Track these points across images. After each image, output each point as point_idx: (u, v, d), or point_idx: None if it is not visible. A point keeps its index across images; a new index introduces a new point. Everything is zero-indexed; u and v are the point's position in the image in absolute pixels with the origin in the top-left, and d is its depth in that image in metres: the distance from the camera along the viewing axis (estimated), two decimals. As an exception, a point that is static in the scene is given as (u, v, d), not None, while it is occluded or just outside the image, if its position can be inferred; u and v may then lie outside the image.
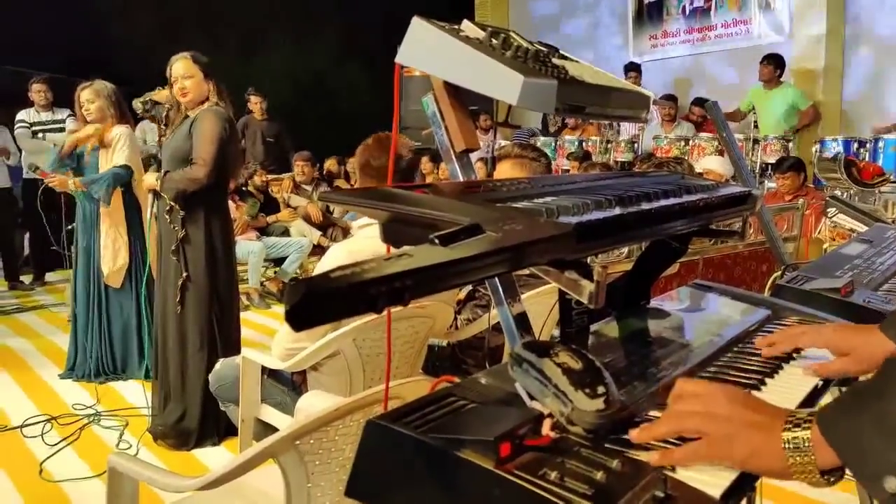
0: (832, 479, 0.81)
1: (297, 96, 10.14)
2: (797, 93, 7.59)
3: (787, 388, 1.14)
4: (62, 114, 6.97)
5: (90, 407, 3.90)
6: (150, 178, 3.44)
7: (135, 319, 4.36)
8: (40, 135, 6.81)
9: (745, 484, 0.86)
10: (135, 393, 4.10)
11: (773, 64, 7.50)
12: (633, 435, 0.88)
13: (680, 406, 0.88)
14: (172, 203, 3.35)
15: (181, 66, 3.38)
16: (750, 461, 0.82)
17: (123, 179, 4.32)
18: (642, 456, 0.85)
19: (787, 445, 0.80)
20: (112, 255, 4.30)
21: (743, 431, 0.83)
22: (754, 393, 1.11)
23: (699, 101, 8.28)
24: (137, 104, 3.68)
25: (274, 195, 7.29)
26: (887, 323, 1.14)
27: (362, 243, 2.37)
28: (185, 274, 3.39)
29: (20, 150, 6.97)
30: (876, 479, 0.74)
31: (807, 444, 0.79)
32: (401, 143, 2.54)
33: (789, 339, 1.23)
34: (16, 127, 6.70)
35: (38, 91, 6.70)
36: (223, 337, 3.49)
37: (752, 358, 1.24)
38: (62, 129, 6.94)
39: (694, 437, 0.85)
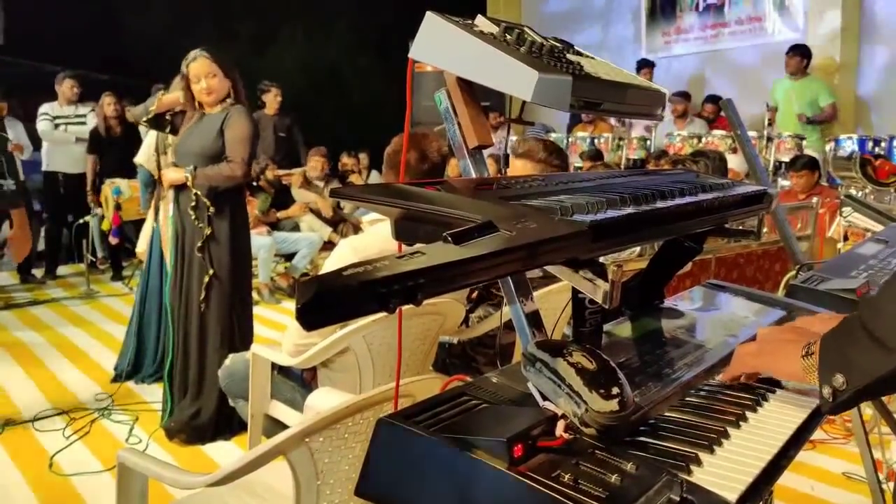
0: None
1: (310, 90, 10.13)
2: (822, 86, 7.48)
3: (801, 390, 1.13)
4: (85, 108, 7.08)
5: (101, 400, 3.91)
6: (173, 174, 3.41)
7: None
8: (62, 127, 6.96)
9: (760, 487, 0.85)
10: (145, 387, 4.10)
11: (801, 54, 7.41)
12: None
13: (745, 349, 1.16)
14: (205, 199, 3.34)
15: (203, 66, 3.33)
16: (776, 365, 1.09)
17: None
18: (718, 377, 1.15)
19: (802, 353, 1.02)
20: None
21: (781, 348, 1.07)
22: (769, 395, 1.11)
23: (712, 98, 8.23)
24: (142, 123, 3.69)
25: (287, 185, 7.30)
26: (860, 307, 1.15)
27: (370, 239, 2.36)
28: (211, 272, 3.38)
29: (32, 145, 7.10)
30: (828, 375, 0.96)
31: (812, 350, 1.00)
32: (432, 143, 2.51)
33: None
34: (39, 119, 6.88)
35: (70, 86, 7.01)
36: (242, 334, 3.49)
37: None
38: (84, 123, 7.05)
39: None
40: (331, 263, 2.43)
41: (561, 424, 0.87)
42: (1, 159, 3.26)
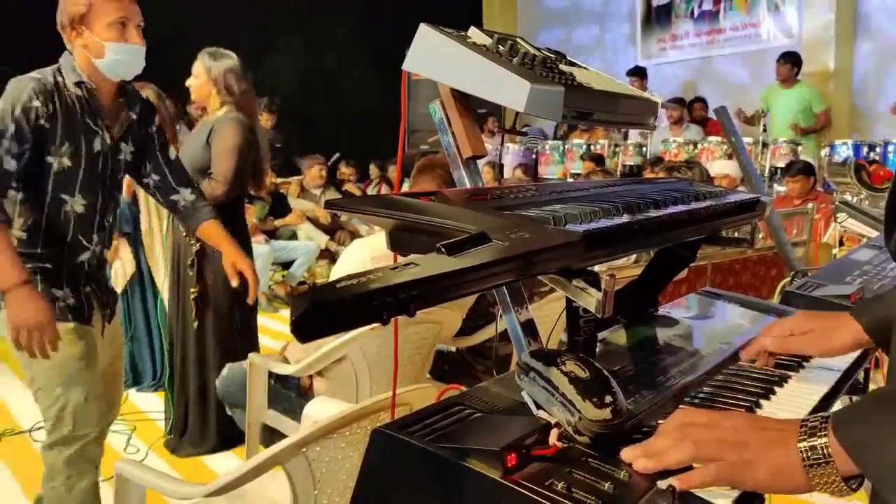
0: (855, 486, 0.77)
1: (307, 97, 10.15)
2: (813, 92, 7.52)
3: (796, 397, 1.14)
4: None
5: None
6: None
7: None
8: None
9: (754, 495, 0.86)
10: (143, 397, 4.10)
11: (791, 62, 7.45)
12: (641, 465, 0.82)
13: (694, 433, 0.83)
14: None
15: (195, 65, 3.31)
16: (773, 483, 0.78)
17: None
18: (661, 483, 0.80)
19: (804, 455, 0.76)
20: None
21: (762, 454, 0.79)
22: (763, 402, 1.11)
23: (699, 99, 8.30)
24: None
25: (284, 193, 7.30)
26: (859, 309, 1.16)
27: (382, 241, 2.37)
28: (197, 288, 3.33)
29: None
30: None
31: (826, 452, 0.75)
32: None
33: (761, 338, 1.22)
34: None
35: None
36: (244, 344, 3.41)
37: (762, 367, 1.24)
38: None
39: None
40: (345, 265, 2.44)
41: (554, 433, 0.88)
42: (158, 161, 2.39)
